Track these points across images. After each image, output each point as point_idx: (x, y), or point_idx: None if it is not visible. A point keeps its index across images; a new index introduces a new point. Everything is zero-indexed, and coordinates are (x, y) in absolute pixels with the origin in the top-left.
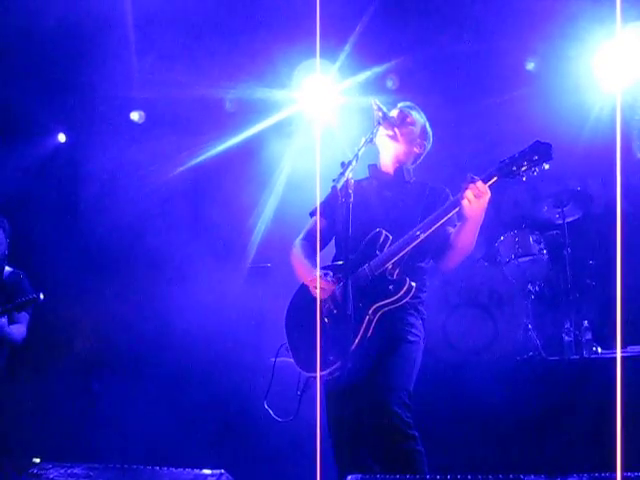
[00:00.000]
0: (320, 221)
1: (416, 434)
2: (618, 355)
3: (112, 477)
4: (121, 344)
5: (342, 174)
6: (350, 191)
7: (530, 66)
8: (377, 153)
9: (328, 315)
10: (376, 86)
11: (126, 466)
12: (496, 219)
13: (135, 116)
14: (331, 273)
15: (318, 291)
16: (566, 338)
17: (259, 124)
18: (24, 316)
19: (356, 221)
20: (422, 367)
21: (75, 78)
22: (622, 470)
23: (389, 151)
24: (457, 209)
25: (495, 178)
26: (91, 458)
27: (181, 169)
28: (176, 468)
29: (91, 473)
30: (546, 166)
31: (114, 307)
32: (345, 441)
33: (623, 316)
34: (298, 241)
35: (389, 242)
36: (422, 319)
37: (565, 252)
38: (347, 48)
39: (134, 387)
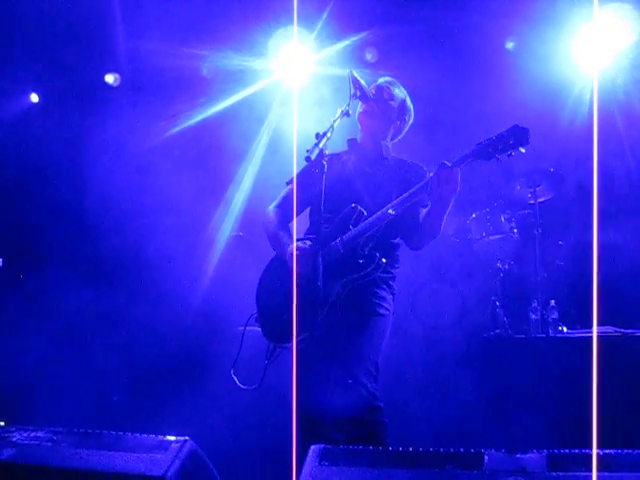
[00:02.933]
0: (295, 191)
1: (381, 405)
2: (594, 333)
3: (76, 441)
4: (88, 308)
5: (316, 145)
6: (324, 162)
7: (509, 45)
8: (357, 127)
9: (299, 286)
10: (355, 57)
11: (90, 431)
12: (468, 196)
13: (110, 79)
14: (309, 242)
15: (294, 262)
16: (533, 317)
17: (237, 93)
18: None
19: (333, 195)
20: (389, 341)
21: (51, 42)
22: (597, 446)
23: (367, 126)
24: (426, 193)
25: (471, 160)
26: (55, 422)
27: (159, 138)
28: (140, 434)
29: (55, 437)
30: (522, 150)
31: (83, 270)
32: (310, 411)
33: (589, 297)
34: (272, 208)
35: (363, 218)
36: (392, 294)
37: (535, 232)
38: (324, 16)
39: (100, 352)
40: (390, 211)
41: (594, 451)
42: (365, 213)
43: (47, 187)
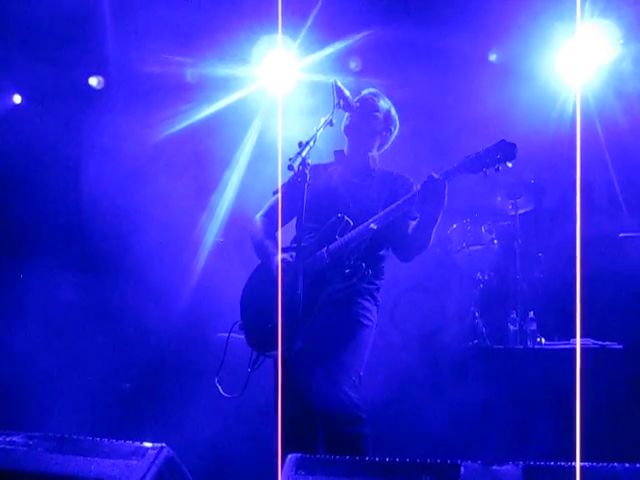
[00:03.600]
0: (282, 201)
1: (364, 416)
2: (578, 345)
3: (51, 446)
4: (67, 313)
5: (299, 154)
6: (306, 171)
7: (493, 57)
8: (343, 137)
9: (283, 295)
10: (339, 66)
11: (66, 436)
12: (449, 207)
13: (94, 82)
14: (294, 254)
15: (279, 276)
16: (511, 328)
17: (222, 100)
18: None
19: (318, 205)
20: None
21: (35, 43)
22: (580, 459)
23: (353, 138)
24: (413, 206)
25: (458, 173)
26: (32, 427)
27: (144, 144)
28: (117, 440)
29: (30, 442)
30: (509, 164)
31: (66, 276)
32: (292, 421)
33: (568, 309)
34: (258, 217)
35: (349, 228)
36: (377, 305)
37: (515, 243)
38: (308, 24)
39: (79, 358)
40: (372, 225)
41: (577, 464)
42: (351, 223)
43: (30, 190)
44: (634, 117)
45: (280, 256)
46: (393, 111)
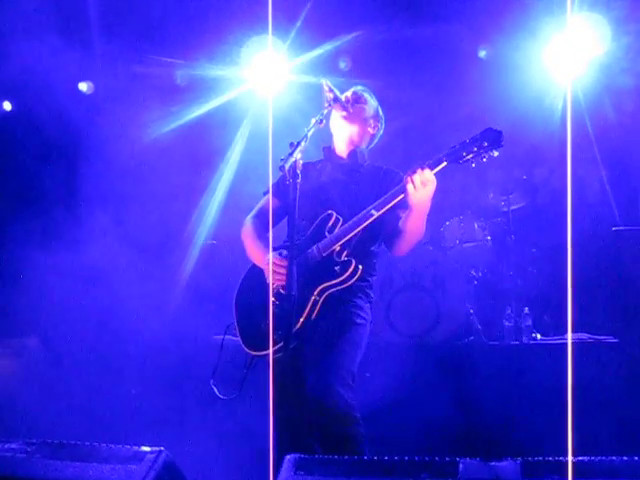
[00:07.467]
0: (272, 201)
1: (358, 416)
2: (569, 340)
3: (50, 453)
4: (64, 317)
5: (290, 155)
6: (298, 172)
7: (482, 54)
8: (331, 135)
9: (276, 296)
10: (329, 66)
11: (64, 442)
12: (442, 204)
13: (83, 87)
14: (285, 252)
15: (270, 275)
16: (506, 324)
17: (211, 102)
18: None
19: (308, 203)
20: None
21: (24, 48)
22: (572, 454)
23: (342, 133)
24: (402, 196)
25: (445, 163)
26: (28, 433)
27: (133, 146)
28: (115, 445)
29: (29, 448)
30: (496, 153)
31: (57, 278)
32: (287, 422)
33: (562, 304)
34: (249, 218)
35: (339, 224)
36: (370, 302)
37: (509, 239)
38: (298, 25)
39: (76, 362)
40: (373, 211)
41: (569, 458)
42: (341, 220)
43: (22, 195)
44: (624, 112)
45: (272, 257)
46: (380, 109)
